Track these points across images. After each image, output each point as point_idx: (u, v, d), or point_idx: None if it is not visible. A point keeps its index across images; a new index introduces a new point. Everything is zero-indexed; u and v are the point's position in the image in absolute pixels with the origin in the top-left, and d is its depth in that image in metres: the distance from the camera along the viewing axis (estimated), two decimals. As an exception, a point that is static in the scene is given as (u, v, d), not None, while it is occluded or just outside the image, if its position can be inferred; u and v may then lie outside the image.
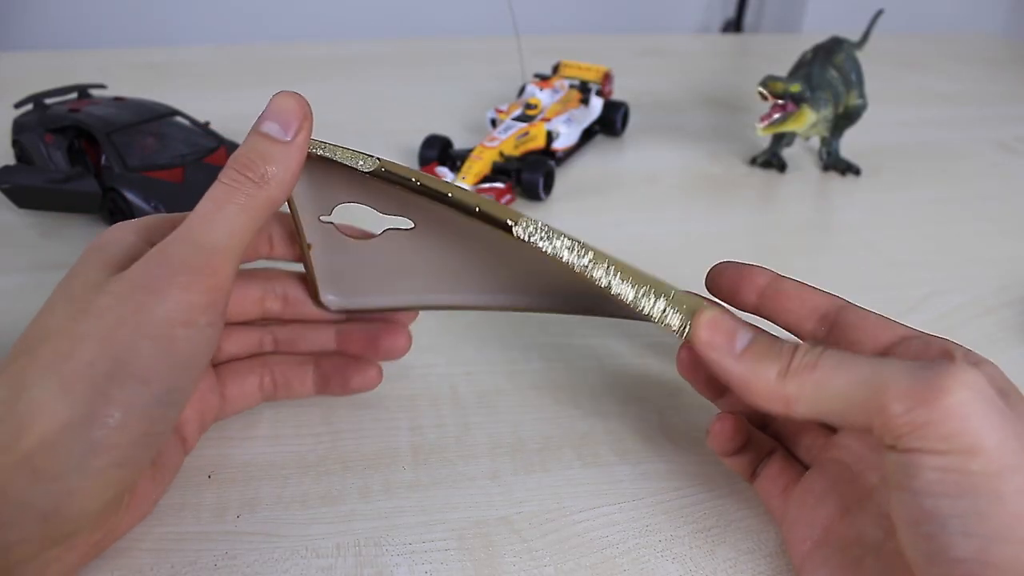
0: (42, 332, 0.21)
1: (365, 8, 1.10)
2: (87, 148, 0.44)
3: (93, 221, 0.45)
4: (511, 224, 0.23)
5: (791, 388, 0.21)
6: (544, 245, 0.23)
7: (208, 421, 0.29)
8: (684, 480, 0.29)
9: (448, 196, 0.24)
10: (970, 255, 0.47)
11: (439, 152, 0.52)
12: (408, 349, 0.30)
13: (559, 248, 0.23)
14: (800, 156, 0.61)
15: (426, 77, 0.78)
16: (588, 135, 0.60)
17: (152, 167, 0.43)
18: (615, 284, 0.23)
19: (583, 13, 1.22)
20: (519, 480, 0.29)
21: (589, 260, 0.23)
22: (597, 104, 0.59)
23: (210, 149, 0.46)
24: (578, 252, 0.23)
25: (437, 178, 0.25)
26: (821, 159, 0.59)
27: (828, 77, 0.54)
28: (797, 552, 0.24)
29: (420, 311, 0.31)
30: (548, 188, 0.51)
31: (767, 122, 0.52)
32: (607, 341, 0.37)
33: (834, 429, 0.26)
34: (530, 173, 0.49)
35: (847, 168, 0.58)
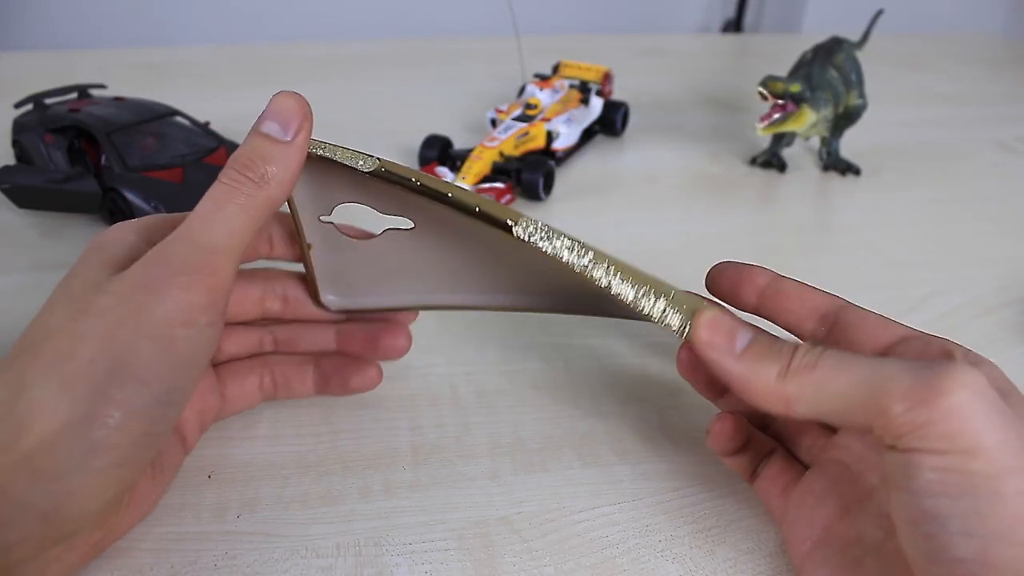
0: (42, 332, 0.21)
1: (365, 8, 1.10)
2: (87, 148, 0.44)
3: (93, 221, 0.45)
4: (511, 224, 0.23)
5: (791, 388, 0.21)
6: (544, 245, 0.23)
7: (208, 421, 0.29)
8: (684, 480, 0.29)
9: (448, 196, 0.24)
10: (970, 255, 0.47)
11: (439, 152, 0.52)
12: (408, 349, 0.30)
13: (559, 248, 0.23)
14: (800, 156, 0.61)
15: (426, 77, 0.78)
16: (588, 135, 0.60)
17: (152, 167, 0.43)
18: (615, 284, 0.23)
19: (583, 13, 1.22)
20: (519, 480, 0.29)
21: (589, 260, 0.23)
22: (597, 104, 0.59)
23: (210, 149, 0.46)
24: (578, 252, 0.23)
25: (437, 178, 0.25)
26: (821, 159, 0.59)
27: (828, 77, 0.54)
28: (797, 552, 0.24)
29: (420, 311, 0.31)
30: (548, 188, 0.51)
31: (767, 122, 0.52)
32: (607, 341, 0.37)
33: (834, 429, 0.26)
34: (530, 173, 0.49)
35: (847, 168, 0.58)
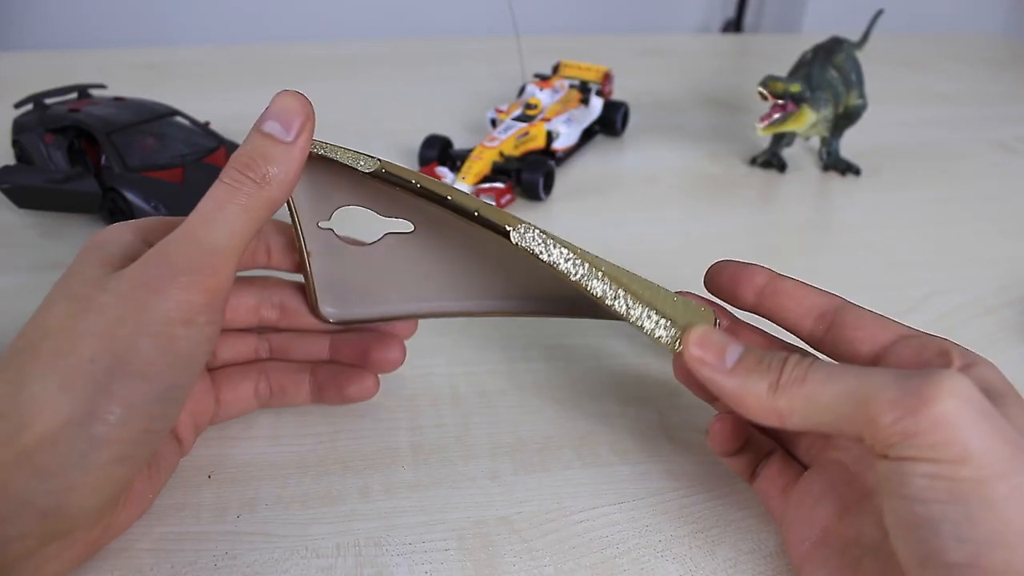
0: (42, 329, 0.21)
1: (365, 8, 1.10)
2: (87, 148, 0.44)
3: (93, 221, 0.45)
4: (509, 230, 0.23)
5: (782, 403, 0.21)
6: (540, 253, 0.23)
7: (202, 424, 0.29)
8: (684, 480, 0.29)
9: (447, 199, 0.24)
10: (970, 255, 0.47)
11: (439, 152, 0.52)
12: (402, 362, 0.30)
13: (556, 257, 0.23)
14: (800, 156, 0.61)
15: (426, 77, 0.78)
16: (588, 135, 0.60)
17: (152, 167, 0.43)
18: (609, 296, 0.23)
19: (583, 13, 1.22)
20: (519, 480, 0.29)
21: (585, 271, 0.23)
22: (597, 104, 0.59)
23: (210, 149, 0.46)
24: (574, 263, 0.23)
25: (437, 180, 0.25)
26: (821, 159, 0.59)
27: (828, 77, 0.54)
28: (796, 552, 0.24)
29: (419, 321, 0.31)
30: (548, 188, 0.51)
31: (767, 122, 0.52)
32: (607, 341, 0.37)
33: (833, 429, 0.26)
34: (530, 173, 0.49)
35: (847, 168, 0.58)
